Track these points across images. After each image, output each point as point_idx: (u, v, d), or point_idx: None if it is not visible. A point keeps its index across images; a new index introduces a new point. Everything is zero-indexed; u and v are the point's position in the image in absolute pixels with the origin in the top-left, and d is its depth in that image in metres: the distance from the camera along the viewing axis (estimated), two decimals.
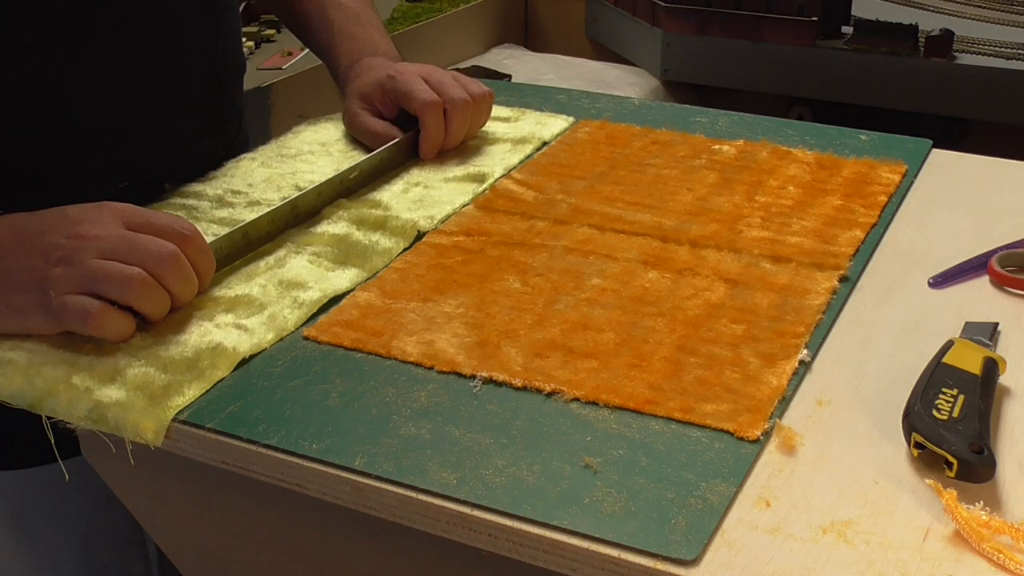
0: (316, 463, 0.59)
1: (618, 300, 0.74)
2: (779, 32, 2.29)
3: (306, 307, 0.73)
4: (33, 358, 0.67)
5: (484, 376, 0.66)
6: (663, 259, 0.79)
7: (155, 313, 0.69)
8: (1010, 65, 2.15)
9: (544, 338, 0.69)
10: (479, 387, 0.65)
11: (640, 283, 0.76)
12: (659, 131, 1.02)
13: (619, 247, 0.80)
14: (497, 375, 0.66)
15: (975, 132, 2.28)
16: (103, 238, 0.68)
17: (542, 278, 0.76)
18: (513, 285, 0.76)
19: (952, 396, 0.59)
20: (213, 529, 0.73)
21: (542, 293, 0.75)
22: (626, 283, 0.76)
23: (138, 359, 0.67)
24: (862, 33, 2.27)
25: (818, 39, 2.28)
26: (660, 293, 0.74)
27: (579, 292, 0.75)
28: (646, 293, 0.74)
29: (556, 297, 0.74)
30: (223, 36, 0.95)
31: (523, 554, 0.55)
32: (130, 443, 0.63)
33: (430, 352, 0.68)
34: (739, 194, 0.89)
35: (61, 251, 0.67)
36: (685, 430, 0.61)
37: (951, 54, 2.19)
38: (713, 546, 0.53)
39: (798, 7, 2.27)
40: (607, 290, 0.75)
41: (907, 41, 2.21)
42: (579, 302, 0.73)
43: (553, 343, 0.69)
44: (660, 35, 2.40)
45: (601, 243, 0.81)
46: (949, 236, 0.83)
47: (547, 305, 0.73)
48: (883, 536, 0.54)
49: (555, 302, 0.74)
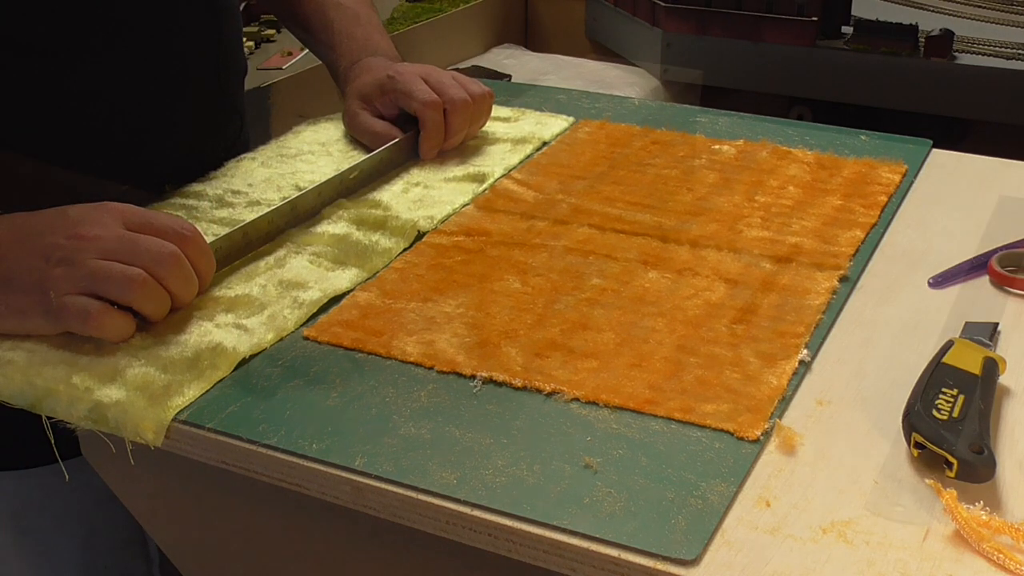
0: (316, 463, 0.59)
1: (618, 300, 0.74)
2: (779, 32, 2.29)
3: (306, 307, 0.73)
4: (33, 358, 0.67)
5: (484, 376, 0.66)
6: (663, 259, 0.79)
7: (155, 313, 0.69)
8: (1010, 65, 2.15)
9: (544, 338, 0.69)
10: (479, 387, 0.65)
11: (640, 283, 0.76)
12: (659, 131, 1.02)
13: (619, 247, 0.80)
14: (497, 375, 0.66)
15: (975, 132, 2.28)
16: (103, 239, 0.68)
17: (542, 278, 0.76)
18: (513, 285, 0.76)
19: (952, 396, 0.59)
20: (213, 529, 0.73)
21: (542, 293, 0.75)
22: (626, 283, 0.76)
23: (138, 359, 0.67)
24: (862, 33, 2.27)
25: (818, 39, 2.28)
26: (660, 293, 0.74)
27: (579, 292, 0.75)
28: (646, 293, 0.74)
29: (556, 297, 0.74)
30: (224, 38, 0.95)
31: (523, 554, 0.55)
32: (130, 443, 0.63)
33: (430, 352, 0.68)
34: (739, 194, 0.89)
35: (61, 252, 0.67)
36: (685, 430, 0.61)
37: (951, 54, 2.19)
38: (713, 546, 0.53)
39: (798, 7, 2.27)
40: (607, 290, 0.75)
41: (907, 41, 2.21)
42: (579, 302, 0.73)
43: (553, 343, 0.69)
44: (660, 35, 2.40)
45: (601, 243, 0.81)
46: (949, 236, 0.83)
47: (547, 304, 0.73)
48: (883, 536, 0.54)
49: (555, 302, 0.74)
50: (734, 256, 0.79)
